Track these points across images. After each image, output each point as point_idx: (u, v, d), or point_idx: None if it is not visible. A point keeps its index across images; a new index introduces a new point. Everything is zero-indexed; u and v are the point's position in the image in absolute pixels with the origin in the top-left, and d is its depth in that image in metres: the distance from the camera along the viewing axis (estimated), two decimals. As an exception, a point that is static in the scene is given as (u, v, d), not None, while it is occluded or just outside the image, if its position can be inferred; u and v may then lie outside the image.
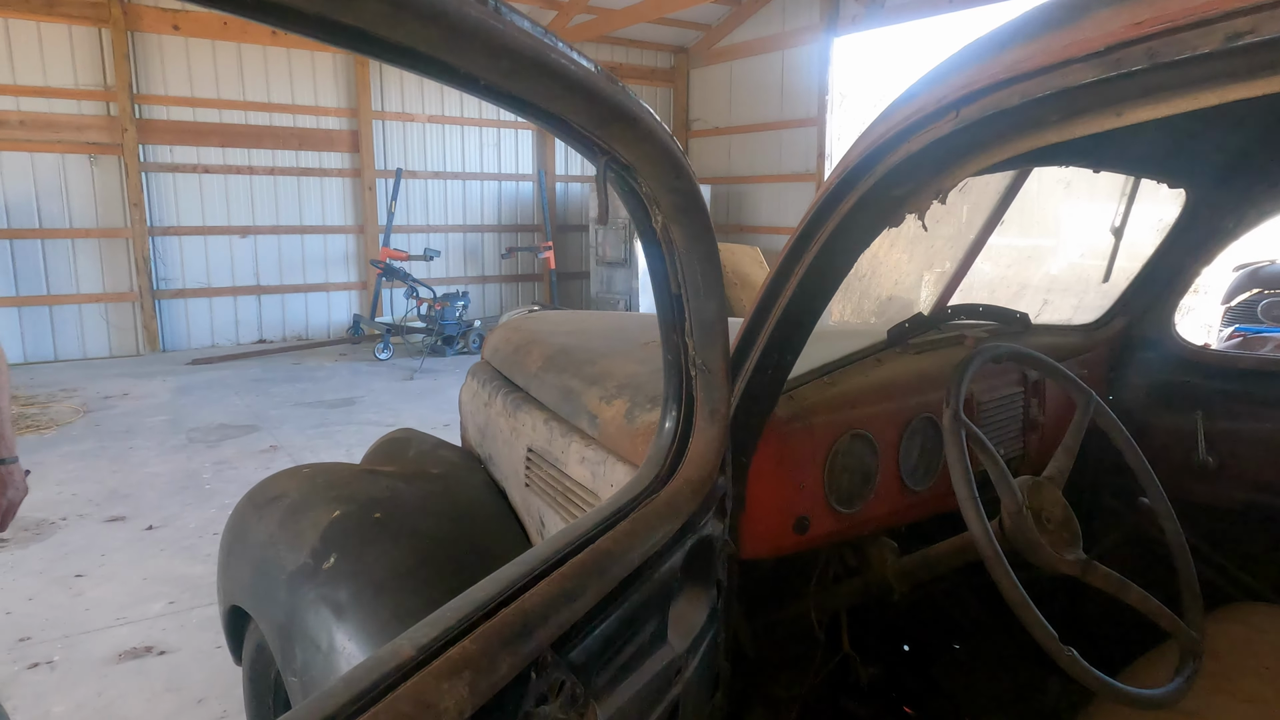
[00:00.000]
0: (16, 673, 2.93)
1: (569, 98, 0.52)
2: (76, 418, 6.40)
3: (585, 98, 0.53)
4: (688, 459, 0.90)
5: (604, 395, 1.47)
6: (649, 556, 0.77)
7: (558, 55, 0.48)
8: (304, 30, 0.36)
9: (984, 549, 0.97)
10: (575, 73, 0.50)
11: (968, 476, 1.03)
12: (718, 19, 11.36)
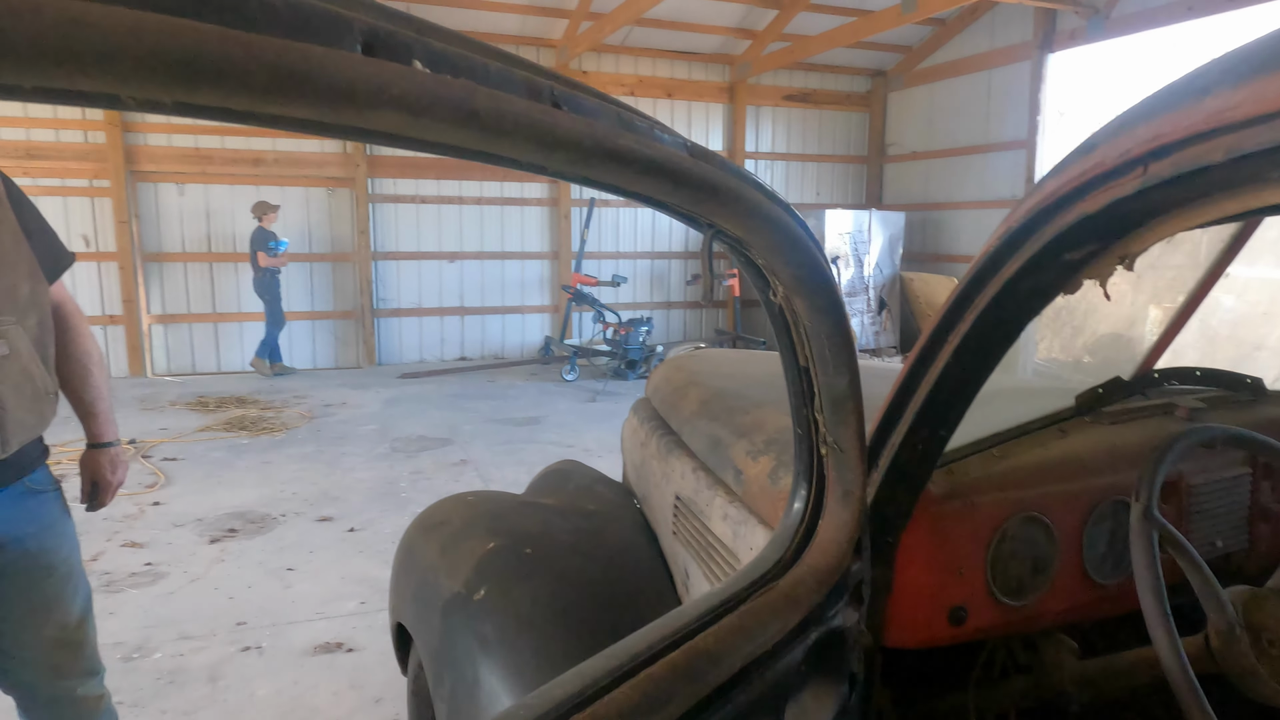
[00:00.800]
0: (231, 654, 3.28)
1: (650, 179, 0.48)
2: (303, 423, 7.15)
3: (669, 178, 0.49)
4: (815, 544, 0.82)
5: (751, 450, 1.41)
6: (758, 656, 0.71)
7: (628, 140, 0.45)
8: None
9: (1174, 677, 0.81)
10: (650, 154, 0.46)
11: (1157, 587, 0.87)
12: (919, 40, 10.91)
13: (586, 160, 0.44)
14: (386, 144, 0.38)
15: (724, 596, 0.75)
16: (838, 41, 9.22)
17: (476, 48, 0.38)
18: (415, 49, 0.33)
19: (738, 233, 0.59)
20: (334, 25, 0.31)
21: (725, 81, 11.13)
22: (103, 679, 2.06)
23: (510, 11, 9.45)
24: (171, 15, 0.25)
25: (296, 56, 0.28)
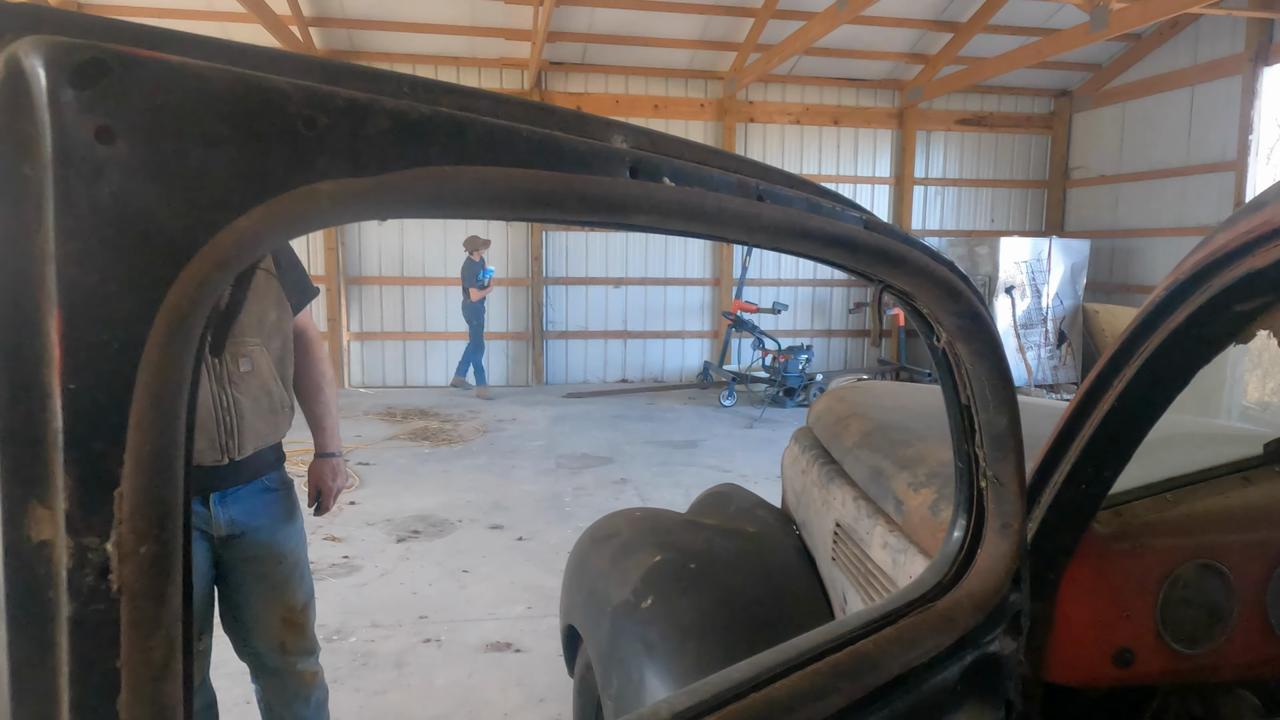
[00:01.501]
0: (415, 644, 3.60)
1: (833, 250, 0.58)
2: (478, 436, 7.67)
3: (848, 249, 0.59)
4: (973, 571, 0.87)
5: (913, 482, 1.45)
6: (914, 667, 0.77)
7: (816, 221, 0.55)
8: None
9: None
10: (834, 231, 0.56)
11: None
12: (1109, 57, 10.25)
13: (783, 239, 0.55)
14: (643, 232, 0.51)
15: (884, 611, 0.82)
16: (1019, 63, 8.84)
17: (706, 157, 0.51)
18: (664, 169, 0.46)
19: (905, 288, 0.68)
20: (611, 159, 0.44)
21: (894, 107, 10.93)
22: (318, 657, 2.35)
23: (680, 46, 9.77)
24: (526, 169, 0.39)
25: (591, 184, 0.41)
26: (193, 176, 0.31)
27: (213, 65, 0.31)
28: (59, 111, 0.28)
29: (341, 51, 9.69)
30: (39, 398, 0.30)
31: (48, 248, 0.29)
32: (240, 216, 0.31)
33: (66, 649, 0.30)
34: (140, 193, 0.30)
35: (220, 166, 0.31)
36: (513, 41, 9.60)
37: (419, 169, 0.36)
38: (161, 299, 0.30)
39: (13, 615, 0.31)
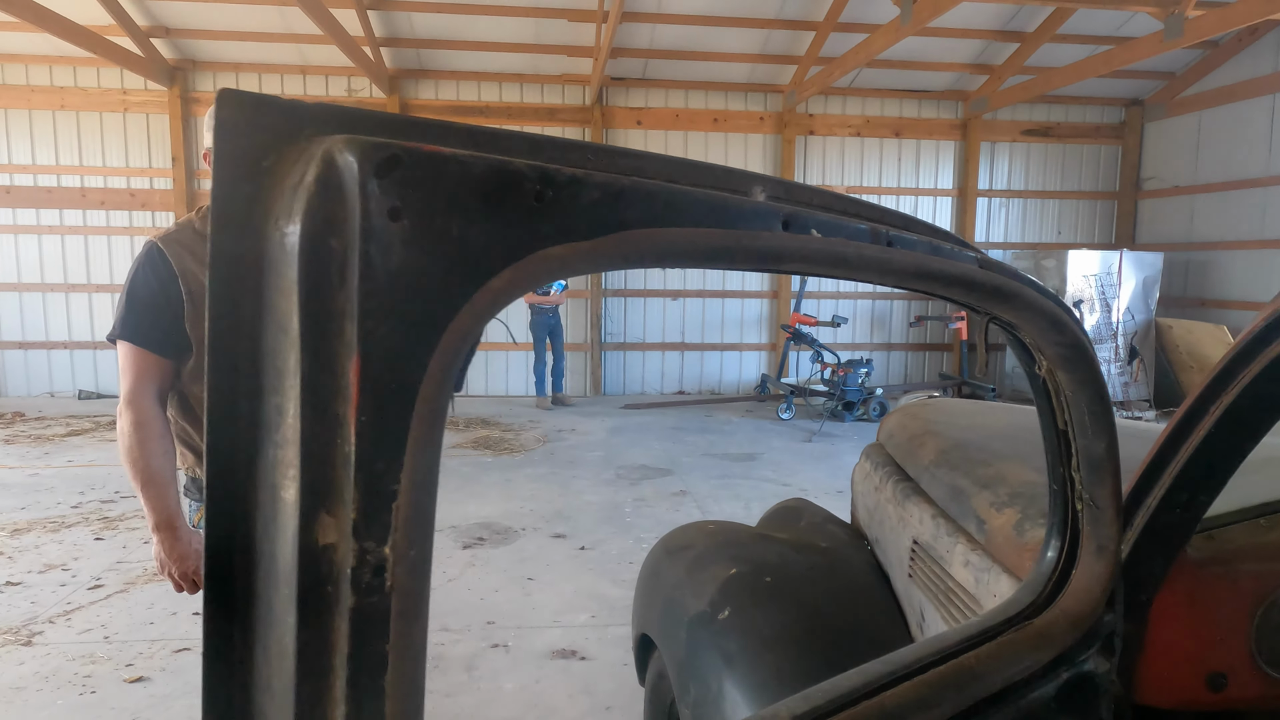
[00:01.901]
0: (483, 649, 3.69)
1: (951, 288, 0.63)
2: (538, 446, 7.79)
3: (964, 286, 0.63)
4: (1068, 591, 0.90)
5: (995, 502, 1.47)
6: (1014, 682, 0.80)
7: (937, 262, 0.60)
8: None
9: None
10: (953, 271, 0.61)
11: None
12: (1184, 65, 9.96)
13: (909, 280, 0.60)
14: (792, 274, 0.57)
15: (982, 627, 0.85)
16: (1088, 72, 8.66)
17: (839, 204, 0.56)
18: (811, 223, 0.51)
19: (1011, 319, 0.72)
20: (767, 215, 0.49)
21: (957, 118, 10.79)
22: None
23: (741, 60, 9.82)
24: (703, 227, 0.45)
25: (756, 239, 0.47)
26: (457, 245, 0.37)
27: (472, 154, 0.38)
28: (365, 197, 0.35)
29: (410, 70, 9.99)
30: (334, 427, 0.36)
31: (349, 305, 0.35)
32: (494, 278, 0.38)
33: (346, 634, 0.36)
34: (418, 260, 0.36)
35: (477, 237, 0.38)
36: (575, 58, 9.77)
37: (624, 233, 0.42)
38: (436, 345, 0.36)
39: (301, 604, 0.37)
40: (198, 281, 1.98)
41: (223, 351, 0.39)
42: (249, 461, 0.40)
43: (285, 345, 0.37)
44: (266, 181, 0.38)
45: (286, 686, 0.38)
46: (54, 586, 4.31)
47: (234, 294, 0.39)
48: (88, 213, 9.83)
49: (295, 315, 0.36)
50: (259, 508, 0.39)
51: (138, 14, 8.83)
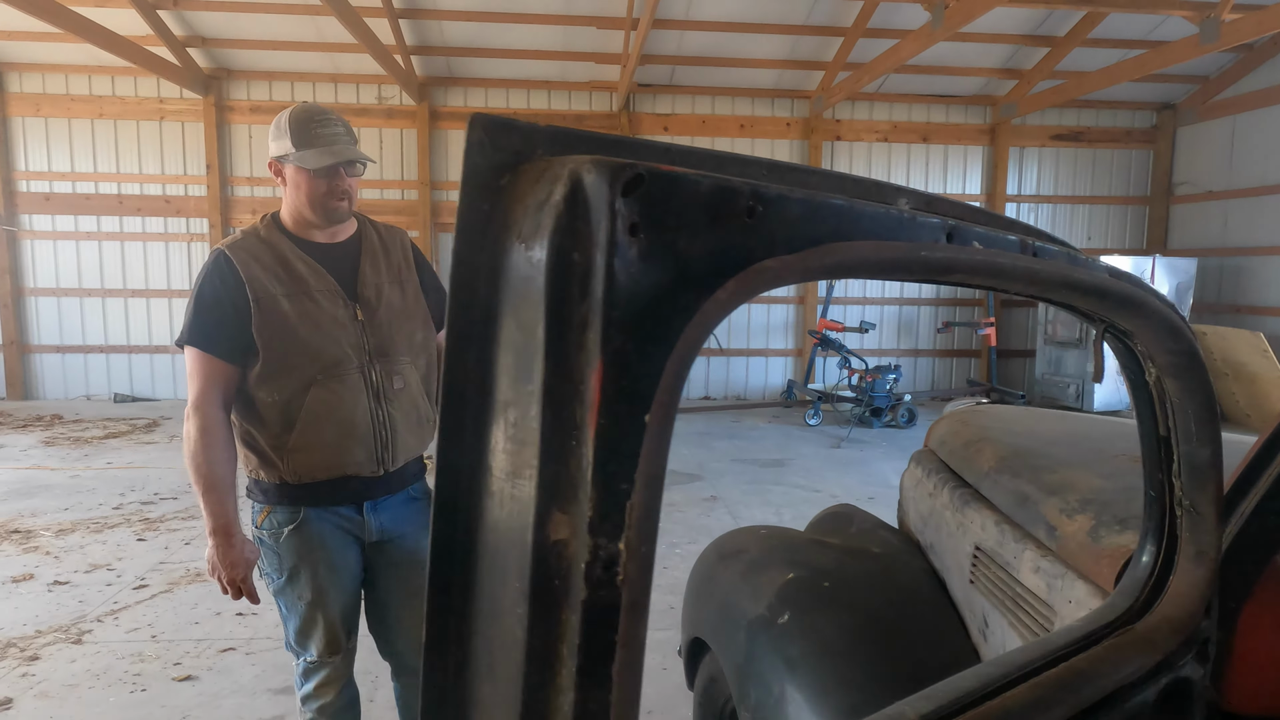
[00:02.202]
0: (522, 652, 3.72)
1: (1085, 296, 0.64)
2: (566, 450, 7.83)
3: (1096, 294, 0.64)
4: (1167, 596, 0.91)
5: (1064, 508, 1.47)
6: (1121, 686, 0.81)
7: (1079, 273, 0.62)
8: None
9: None
10: (1090, 279, 0.62)
11: None
12: (1217, 69, 9.85)
13: (1051, 290, 0.62)
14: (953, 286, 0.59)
15: (1085, 630, 0.87)
16: (1120, 77, 8.59)
17: (1001, 224, 0.58)
18: (971, 235, 0.53)
19: (1129, 327, 0.73)
20: (933, 229, 0.51)
21: (986, 123, 10.73)
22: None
23: (768, 67, 9.83)
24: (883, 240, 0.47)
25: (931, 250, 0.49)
26: (685, 259, 0.39)
27: (698, 173, 0.40)
28: (612, 214, 0.37)
29: (440, 78, 10.10)
30: (572, 430, 0.39)
31: (592, 316, 0.38)
32: (720, 289, 0.40)
33: (577, 625, 0.38)
34: (654, 273, 0.38)
35: (702, 251, 0.40)
36: (603, 65, 9.83)
37: (826, 246, 0.44)
38: (670, 353, 0.39)
39: (533, 597, 0.39)
40: (264, 288, 2.03)
41: (458, 357, 0.41)
42: (477, 463, 0.42)
43: (527, 353, 0.39)
44: (503, 199, 0.41)
45: (512, 675, 0.40)
46: (100, 586, 4.39)
47: (470, 303, 0.41)
48: (124, 219, 10.02)
49: (540, 325, 0.39)
50: (487, 506, 0.42)
51: (175, 24, 9.00)
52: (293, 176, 2.05)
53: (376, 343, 2.15)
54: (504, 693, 0.41)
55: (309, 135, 2.01)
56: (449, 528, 0.43)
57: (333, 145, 2.03)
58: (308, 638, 2.20)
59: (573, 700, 0.38)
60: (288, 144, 2.02)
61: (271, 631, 3.86)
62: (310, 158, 2.00)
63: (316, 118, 2.04)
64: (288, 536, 2.12)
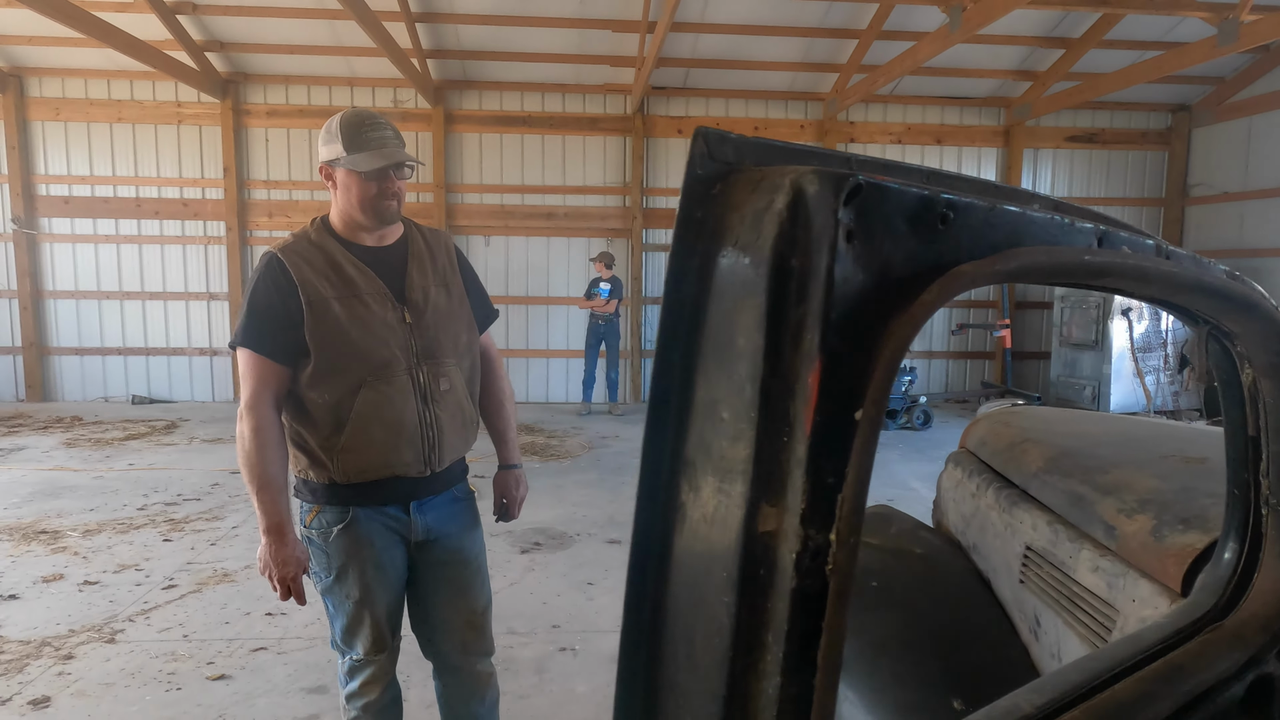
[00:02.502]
0: (551, 652, 3.74)
1: (1208, 299, 0.66)
2: (583, 453, 7.85)
3: (1222, 297, 0.66)
4: (1252, 594, 0.92)
5: (1123, 508, 1.48)
6: (1219, 680, 0.83)
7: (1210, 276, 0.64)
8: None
9: None
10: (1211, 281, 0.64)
11: None
12: (1233, 70, 9.83)
13: (1181, 293, 0.64)
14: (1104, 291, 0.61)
15: (1175, 627, 0.88)
16: (1137, 78, 8.58)
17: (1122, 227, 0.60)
18: (1120, 240, 0.55)
19: (1231, 329, 0.75)
20: (1086, 234, 0.53)
21: (1000, 125, 10.73)
22: (492, 660, 2.48)
23: (782, 69, 9.85)
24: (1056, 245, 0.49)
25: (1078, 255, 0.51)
26: (891, 263, 0.42)
27: (901, 182, 0.42)
28: (834, 223, 0.39)
29: (455, 81, 10.15)
30: (786, 427, 0.41)
31: (809, 318, 0.40)
32: (925, 291, 0.42)
33: (784, 612, 0.40)
34: (867, 277, 0.41)
35: (904, 255, 0.42)
36: (617, 68, 9.86)
37: (1009, 251, 0.46)
38: (881, 353, 0.41)
39: (741, 585, 0.41)
40: (316, 291, 2.05)
41: (666, 354, 0.43)
42: (681, 457, 0.44)
43: (742, 353, 0.41)
44: (715, 207, 0.43)
45: (716, 662, 0.42)
46: (129, 586, 4.43)
47: (680, 303, 0.44)
48: (142, 222, 10.09)
49: (759, 327, 0.41)
50: (690, 499, 0.44)
51: (194, 29, 9.07)
52: (344, 179, 2.07)
53: (424, 345, 2.17)
54: (706, 680, 0.43)
55: (360, 139, 2.04)
56: (650, 518, 0.46)
57: (383, 148, 2.06)
58: (354, 636, 2.22)
59: (777, 684, 0.40)
60: (339, 148, 2.05)
61: (301, 631, 3.89)
62: (361, 160, 2.03)
63: (367, 122, 2.07)
64: (337, 536, 2.14)
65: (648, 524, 0.46)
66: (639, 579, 0.47)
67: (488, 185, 10.31)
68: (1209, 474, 1.57)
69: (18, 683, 3.39)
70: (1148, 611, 1.29)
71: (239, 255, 10.07)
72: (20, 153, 9.81)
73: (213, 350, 10.29)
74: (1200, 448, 1.82)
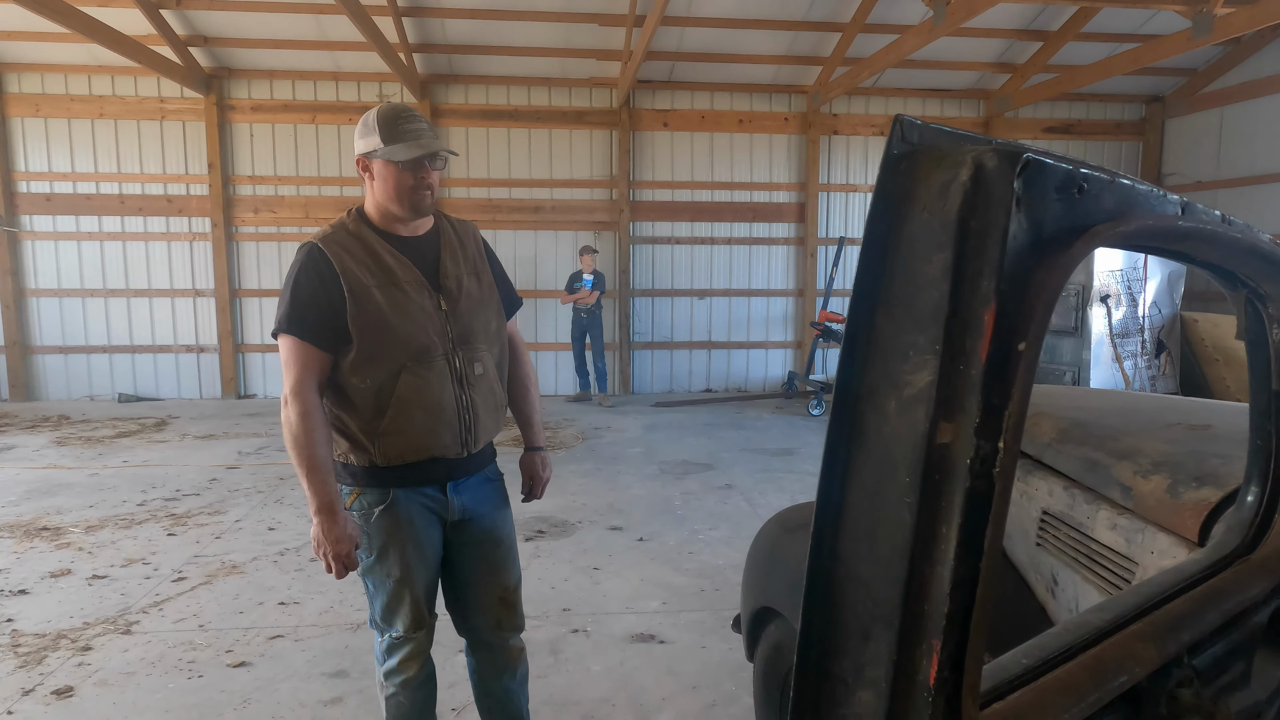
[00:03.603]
0: (564, 634, 3.83)
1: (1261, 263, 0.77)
2: (578, 443, 7.94)
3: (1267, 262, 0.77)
4: (1273, 532, 1.03)
5: (1138, 470, 1.60)
6: (1251, 604, 0.94)
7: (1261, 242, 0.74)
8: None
9: None
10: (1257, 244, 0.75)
11: None
12: (1205, 62, 10.08)
13: (1239, 256, 0.74)
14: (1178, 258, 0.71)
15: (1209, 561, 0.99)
16: (1113, 70, 8.79)
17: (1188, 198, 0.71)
18: (1197, 210, 0.65)
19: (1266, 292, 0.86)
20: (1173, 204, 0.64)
21: (979, 116, 10.92)
22: (521, 635, 2.56)
23: (767, 62, 9.96)
24: (1152, 212, 0.60)
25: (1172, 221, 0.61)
26: (1044, 223, 0.51)
27: (1051, 155, 0.52)
28: (1009, 191, 0.48)
29: (441, 75, 10.15)
30: (964, 357, 0.50)
31: (986, 268, 0.49)
32: (1073, 246, 0.52)
33: (959, 508, 0.50)
34: (1031, 235, 0.50)
35: (1058, 217, 0.52)
36: (604, 62, 9.92)
37: (1129, 214, 0.56)
38: (1041, 297, 0.50)
39: (923, 486, 0.51)
40: (358, 280, 2.12)
41: (861, 304, 0.53)
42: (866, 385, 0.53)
43: (931, 298, 0.51)
44: (903, 179, 0.52)
45: (898, 551, 0.51)
46: (139, 579, 4.46)
47: (872, 259, 0.53)
48: (126, 219, 10.01)
49: (946, 276, 0.50)
50: (874, 420, 0.53)
51: (177, 24, 9.00)
52: (381, 170, 2.14)
53: (459, 331, 2.25)
54: (887, 567, 0.52)
55: (397, 131, 2.11)
56: (840, 434, 0.55)
57: (419, 139, 2.13)
58: (394, 614, 2.29)
59: (951, 568, 0.50)
60: (376, 140, 2.11)
61: (316, 619, 3.95)
62: (399, 151, 2.10)
63: (403, 115, 2.14)
64: (379, 517, 2.21)
65: (835, 444, 0.55)
66: (829, 485, 0.57)
67: (475, 179, 10.33)
68: (1214, 439, 1.69)
69: (38, 674, 3.42)
70: (1167, 561, 1.41)
71: (224, 251, 10.02)
72: (0, 150, 9.68)
73: (200, 347, 10.24)
74: (1202, 417, 1.95)
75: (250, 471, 6.83)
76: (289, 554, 4.85)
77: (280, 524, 5.42)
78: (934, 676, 0.50)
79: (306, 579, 4.47)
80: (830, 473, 0.57)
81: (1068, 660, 0.73)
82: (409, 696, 2.36)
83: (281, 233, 10.15)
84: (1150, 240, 0.62)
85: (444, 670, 3.24)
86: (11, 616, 3.98)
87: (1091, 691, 0.69)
